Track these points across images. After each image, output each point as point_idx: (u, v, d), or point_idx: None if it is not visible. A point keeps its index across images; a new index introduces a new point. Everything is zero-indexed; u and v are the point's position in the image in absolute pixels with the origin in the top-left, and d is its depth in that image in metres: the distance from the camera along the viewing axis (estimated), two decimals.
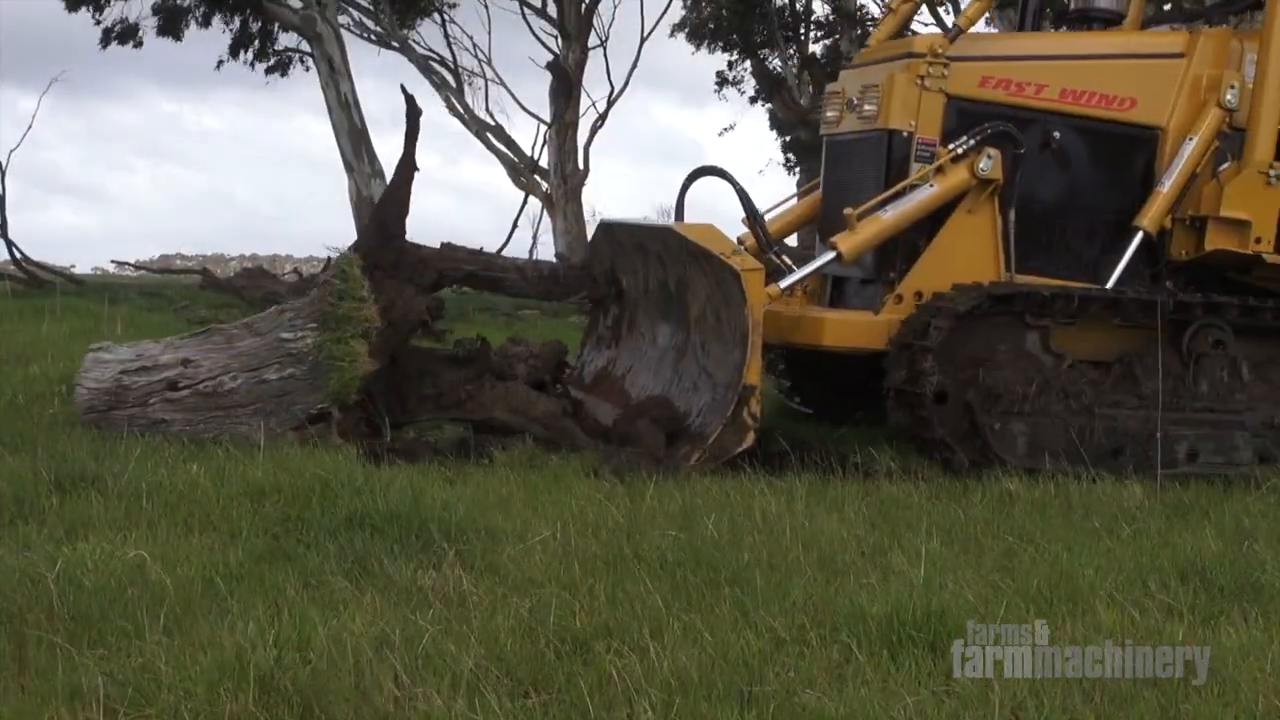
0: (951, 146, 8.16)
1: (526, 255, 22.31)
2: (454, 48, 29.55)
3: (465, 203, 63.81)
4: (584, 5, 26.37)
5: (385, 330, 7.42)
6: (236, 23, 26.60)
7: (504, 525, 5.59)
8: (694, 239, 7.64)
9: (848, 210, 8.03)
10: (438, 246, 8.74)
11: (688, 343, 8.03)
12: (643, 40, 28.64)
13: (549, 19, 27.52)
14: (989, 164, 8.10)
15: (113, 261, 30.98)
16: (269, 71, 27.88)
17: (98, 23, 25.70)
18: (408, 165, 8.07)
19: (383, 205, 8.13)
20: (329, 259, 8.55)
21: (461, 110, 27.32)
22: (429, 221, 40.54)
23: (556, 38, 27.11)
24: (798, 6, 28.56)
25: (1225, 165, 8.51)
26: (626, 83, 28.99)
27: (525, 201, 28.02)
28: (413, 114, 8.09)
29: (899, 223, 8.12)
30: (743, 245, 8.07)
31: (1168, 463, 7.89)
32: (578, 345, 9.52)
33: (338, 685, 3.60)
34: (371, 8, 28.00)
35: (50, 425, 7.35)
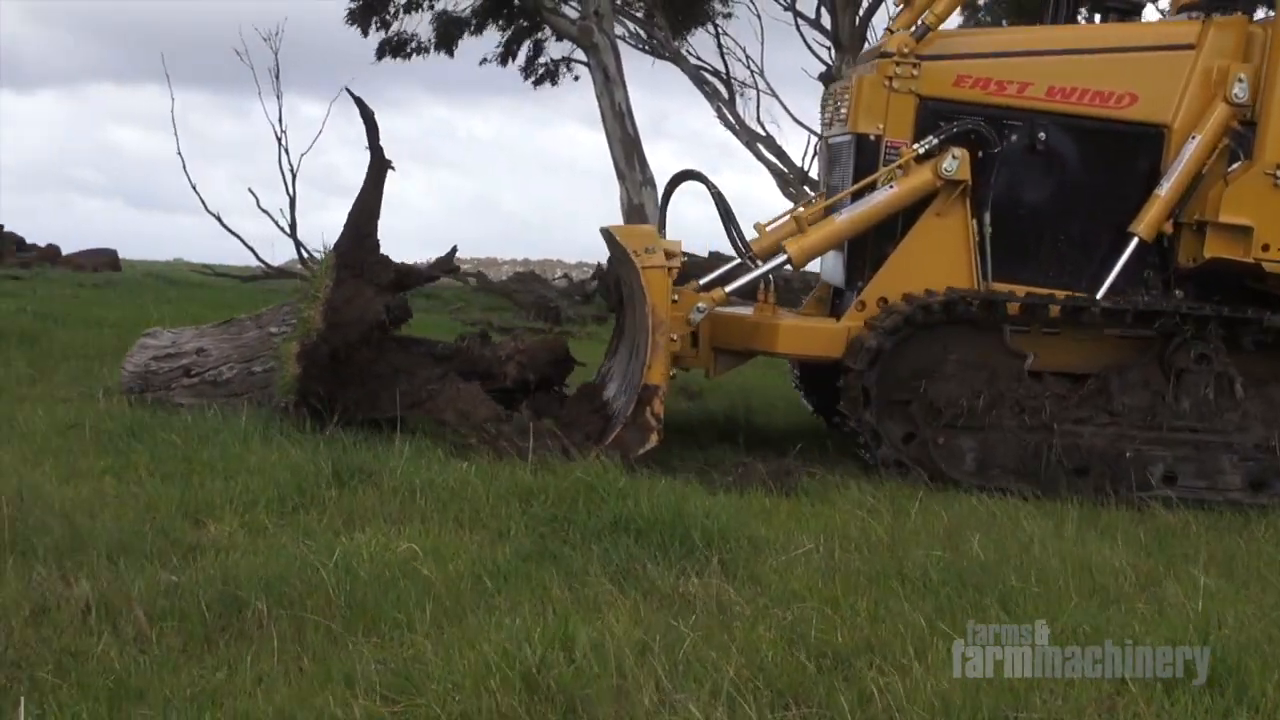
0: (915, 146, 7.73)
1: None
2: (726, 58, 29.62)
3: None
4: (857, 16, 26.16)
5: (326, 331, 7.38)
6: (510, 32, 27.22)
7: (767, 536, 5.57)
8: (621, 238, 7.45)
9: (798, 211, 7.84)
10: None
11: (635, 345, 7.68)
12: None
13: (822, 30, 27.38)
14: (954, 164, 7.62)
15: None
16: (537, 83, 28.46)
17: (384, 39, 26.59)
18: (379, 166, 7.98)
19: (355, 206, 7.98)
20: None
21: (732, 120, 27.41)
22: (695, 229, 40.69)
23: (829, 48, 26.98)
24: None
25: (1235, 165, 7.81)
26: None
27: None
28: (366, 114, 8.03)
29: (855, 225, 7.79)
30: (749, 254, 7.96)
31: (1140, 485, 7.41)
32: None
33: (599, 687, 3.63)
34: (646, 18, 28.32)
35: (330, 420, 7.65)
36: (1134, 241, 7.81)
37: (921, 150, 7.71)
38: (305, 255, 22.09)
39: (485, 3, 26.24)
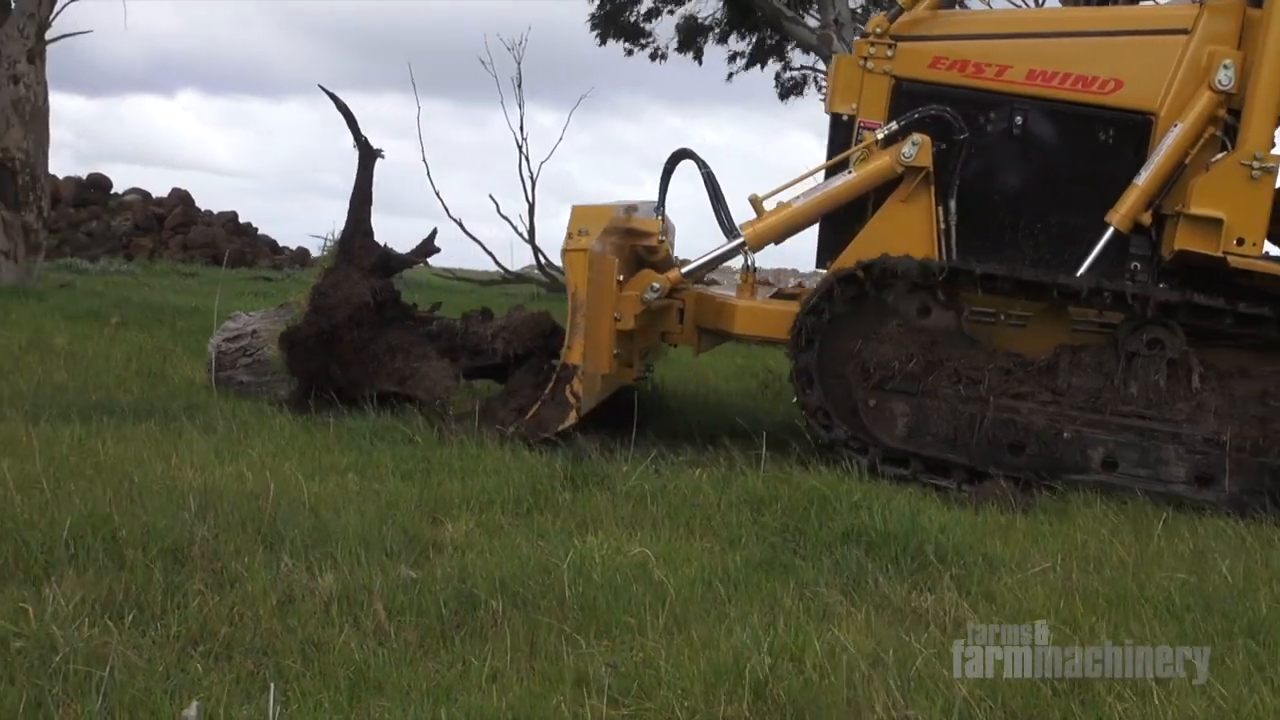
0: (875, 132, 7.52)
1: None
2: None
3: None
4: None
5: (310, 315, 7.82)
6: (753, 41, 27.28)
7: (1002, 553, 5.46)
8: (571, 217, 7.40)
9: (753, 195, 7.70)
10: None
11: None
12: None
13: None
14: (913, 150, 7.41)
15: None
16: (784, 95, 28.51)
17: (629, 52, 26.99)
18: (367, 155, 8.29)
19: (352, 196, 8.37)
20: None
21: None
22: None
23: None
24: None
25: (1220, 155, 7.25)
26: None
27: None
28: (343, 109, 8.35)
29: (812, 210, 7.71)
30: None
31: (1078, 468, 7.02)
32: None
33: (830, 699, 3.60)
34: None
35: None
36: (1109, 232, 7.43)
37: (881, 136, 7.57)
38: (544, 261, 22.46)
39: (729, 12, 26.35)
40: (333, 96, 8.44)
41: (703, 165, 8.13)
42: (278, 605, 4.13)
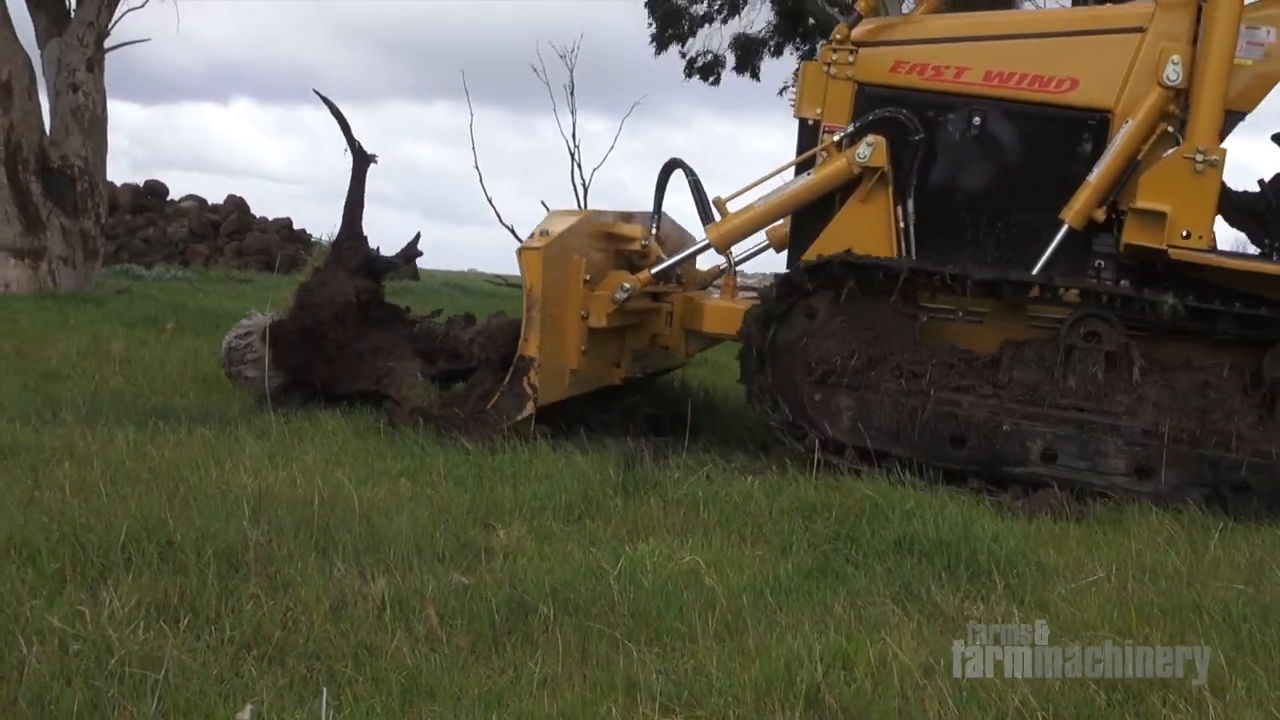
0: (832, 135, 7.66)
1: None
2: None
3: None
4: None
5: (295, 311, 8.13)
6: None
7: (1056, 562, 5.42)
8: (541, 222, 7.61)
9: (717, 197, 7.81)
10: None
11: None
12: None
13: None
14: (867, 151, 7.51)
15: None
16: None
17: (683, 55, 26.93)
18: (360, 160, 8.56)
19: (347, 200, 8.66)
20: None
21: None
22: None
23: None
24: None
25: (1171, 151, 7.18)
26: None
27: None
28: (338, 115, 8.60)
29: (773, 211, 7.87)
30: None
31: (1017, 461, 7.00)
32: None
33: (882, 708, 3.58)
34: None
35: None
36: (1064, 229, 7.41)
37: (837, 138, 7.70)
38: None
39: (780, 22, 26.26)
40: (326, 101, 8.66)
41: (690, 173, 8.30)
42: (331, 610, 4.15)
